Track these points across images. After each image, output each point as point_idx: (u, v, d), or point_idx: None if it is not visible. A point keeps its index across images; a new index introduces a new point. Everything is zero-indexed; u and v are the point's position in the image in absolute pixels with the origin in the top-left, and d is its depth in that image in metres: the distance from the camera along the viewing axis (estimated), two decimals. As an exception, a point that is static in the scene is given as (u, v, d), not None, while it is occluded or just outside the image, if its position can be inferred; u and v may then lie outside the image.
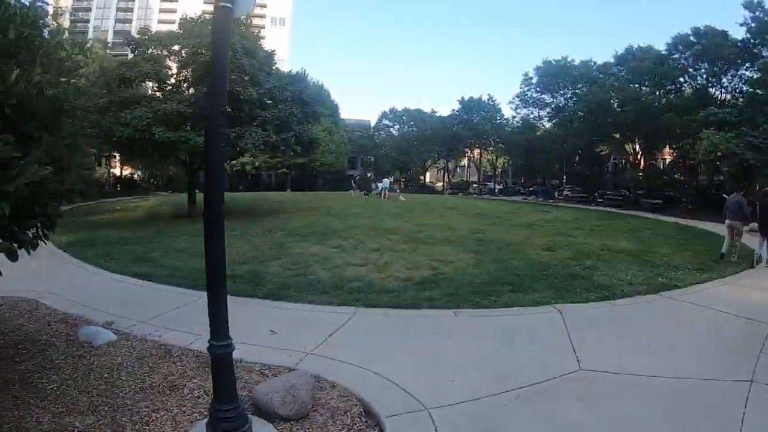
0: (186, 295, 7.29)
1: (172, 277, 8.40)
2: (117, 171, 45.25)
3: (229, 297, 7.08)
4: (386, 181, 38.26)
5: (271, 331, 5.54)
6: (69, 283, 8.46)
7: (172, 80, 18.44)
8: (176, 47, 18.07)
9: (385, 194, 34.90)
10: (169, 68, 18.50)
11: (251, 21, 19.26)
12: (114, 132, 15.16)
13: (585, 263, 9.69)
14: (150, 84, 17.41)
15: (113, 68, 17.76)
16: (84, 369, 4.67)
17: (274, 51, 19.36)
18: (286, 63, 69.41)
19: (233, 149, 16.48)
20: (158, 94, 16.71)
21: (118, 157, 37.53)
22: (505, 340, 5.18)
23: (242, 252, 10.91)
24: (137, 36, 18.10)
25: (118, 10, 66.35)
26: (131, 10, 69.31)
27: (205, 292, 7.35)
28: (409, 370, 4.37)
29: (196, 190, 18.12)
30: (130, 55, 17.83)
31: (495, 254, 10.86)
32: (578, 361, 4.54)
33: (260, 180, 58.86)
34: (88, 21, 61.02)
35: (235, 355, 4.90)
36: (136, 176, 47.13)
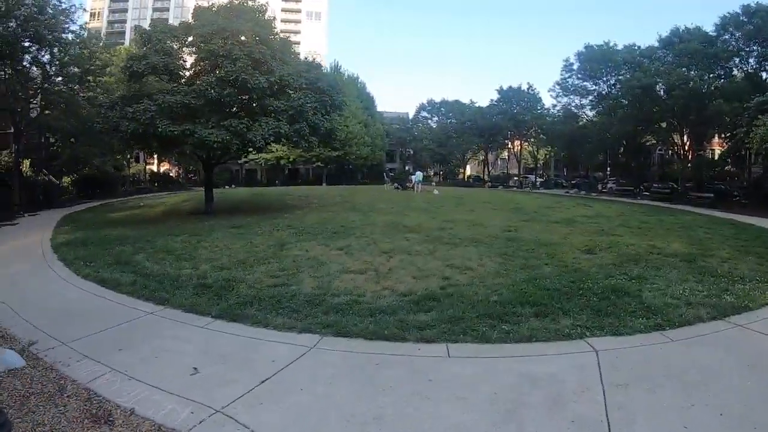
0: (137, 309, 6.37)
1: (134, 285, 7.45)
2: (154, 167, 46.12)
3: (178, 314, 5.93)
4: (419, 174, 36.59)
5: (194, 368, 4.29)
6: (29, 290, 7.89)
7: (187, 73, 17.65)
8: (191, 38, 17.24)
9: (418, 188, 33.28)
10: (184, 60, 17.74)
11: (266, 8, 18.07)
12: (119, 126, 14.50)
13: (631, 271, 7.78)
14: (163, 77, 16.55)
15: (122, 62, 17.22)
16: (-39, 408, 3.92)
17: (289, 38, 18.16)
18: (323, 57, 68.93)
19: (242, 143, 15.40)
20: (168, 86, 15.82)
21: (156, 154, 38.04)
22: (508, 407, 3.52)
23: (233, 254, 9.78)
24: (149, 29, 17.38)
25: (155, 10, 67.80)
26: (167, 9, 70.76)
27: (159, 306, 6.39)
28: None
29: (230, 186, 17.27)
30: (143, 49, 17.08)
31: (525, 258, 9.09)
32: (615, 457, 2.88)
33: (298, 174, 58.70)
34: (124, 22, 62.86)
35: (130, 403, 3.60)
36: (173, 172, 47.89)
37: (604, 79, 38.67)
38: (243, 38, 15.64)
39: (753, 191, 25.95)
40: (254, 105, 16.26)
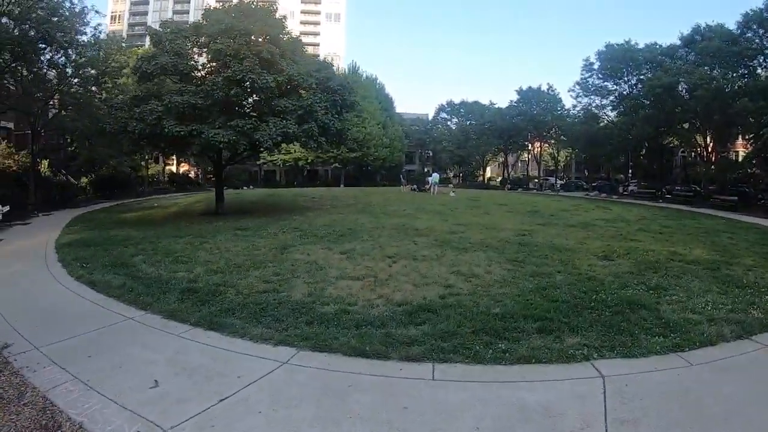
0: (117, 314, 6.12)
1: (122, 288, 7.22)
2: (173, 168, 46.69)
3: (157, 320, 5.42)
4: (435, 176, 36.01)
5: (155, 381, 4.02)
6: (20, 291, 7.79)
7: (200, 73, 17.55)
8: (202, 38, 17.14)
9: (434, 189, 32.74)
10: (196, 61, 17.66)
11: (276, 7, 17.88)
12: (128, 127, 14.46)
13: (649, 281, 7.19)
14: (173, 77, 16.46)
15: (132, 63, 17.23)
16: None
17: (300, 38, 17.89)
18: (341, 58, 68.83)
19: (249, 143, 15.16)
20: (176, 86, 15.72)
21: (173, 155, 38.46)
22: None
23: (231, 257, 9.49)
24: (159, 29, 17.34)
25: (175, 12, 68.84)
26: (187, 12, 71.87)
27: (140, 311, 6.07)
28: None
29: (248, 186, 17.02)
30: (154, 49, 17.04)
31: (536, 265, 8.55)
32: None
33: (317, 175, 58.75)
34: (145, 24, 63.69)
35: (81, 417, 3.61)
36: (192, 173, 48.42)
37: (625, 78, 37.39)
38: (252, 38, 15.42)
39: (777, 194, 24.99)
40: (263, 105, 16.03)
